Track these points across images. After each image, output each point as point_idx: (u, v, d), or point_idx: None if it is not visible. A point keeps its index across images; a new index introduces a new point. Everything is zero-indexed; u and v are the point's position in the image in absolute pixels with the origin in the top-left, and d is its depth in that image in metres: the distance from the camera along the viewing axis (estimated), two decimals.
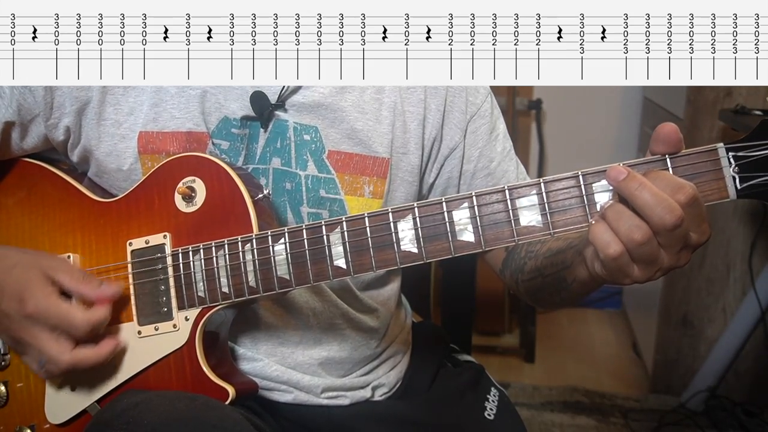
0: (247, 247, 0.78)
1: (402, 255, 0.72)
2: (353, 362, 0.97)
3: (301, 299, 0.91)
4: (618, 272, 0.65)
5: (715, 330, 2.21)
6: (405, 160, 0.93)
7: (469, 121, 0.96)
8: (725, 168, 0.63)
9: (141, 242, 0.83)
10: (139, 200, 0.85)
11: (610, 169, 0.64)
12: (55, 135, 0.88)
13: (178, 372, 0.81)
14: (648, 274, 0.65)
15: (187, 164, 0.83)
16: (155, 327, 0.81)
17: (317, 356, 0.94)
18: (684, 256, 0.65)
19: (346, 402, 0.95)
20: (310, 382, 0.92)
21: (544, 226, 0.67)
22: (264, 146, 0.88)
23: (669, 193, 0.61)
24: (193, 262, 0.80)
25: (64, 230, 0.87)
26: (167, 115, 0.85)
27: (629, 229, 0.62)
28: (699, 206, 0.62)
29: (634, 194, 0.62)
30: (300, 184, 0.89)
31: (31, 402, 0.86)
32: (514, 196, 0.68)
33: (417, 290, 1.41)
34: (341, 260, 0.74)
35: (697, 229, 0.63)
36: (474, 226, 0.69)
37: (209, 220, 0.81)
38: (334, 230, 0.74)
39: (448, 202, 0.70)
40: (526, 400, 2.31)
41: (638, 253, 0.63)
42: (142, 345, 0.82)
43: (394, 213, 0.72)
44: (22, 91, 0.85)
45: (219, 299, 0.79)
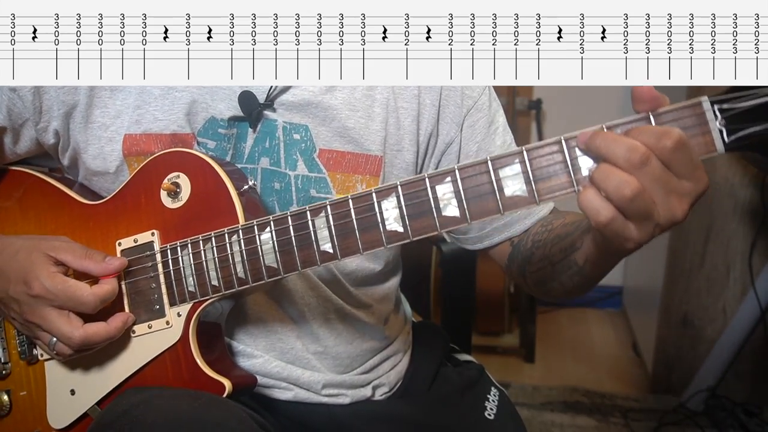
0: (234, 238, 0.78)
1: (388, 235, 0.71)
2: (351, 357, 0.97)
3: (296, 295, 0.92)
4: (616, 237, 0.62)
5: (715, 330, 2.21)
6: (399, 157, 0.93)
7: (465, 115, 0.95)
8: (711, 122, 0.61)
9: (130, 241, 0.84)
10: (126, 200, 0.85)
11: (581, 133, 0.64)
12: (45, 139, 0.89)
13: (175, 368, 0.81)
14: (647, 231, 0.61)
15: (171, 160, 0.83)
16: (149, 325, 0.82)
17: (314, 350, 0.94)
18: (679, 205, 0.61)
19: (347, 401, 0.95)
20: (310, 378, 0.93)
21: (529, 195, 0.65)
22: (252, 146, 0.88)
23: (653, 141, 0.59)
24: (182, 257, 0.81)
25: (56, 235, 0.87)
26: (150, 117, 0.86)
27: (618, 186, 0.59)
28: (688, 150, 0.60)
29: (600, 148, 0.61)
30: (289, 184, 0.89)
31: (34, 409, 0.87)
32: (497, 166, 0.66)
33: (417, 290, 1.41)
34: (327, 244, 0.73)
35: (691, 176, 0.60)
36: (458, 200, 0.68)
37: (196, 215, 0.81)
38: (318, 215, 0.74)
39: (430, 177, 0.69)
40: (526, 400, 2.31)
41: (631, 208, 0.59)
42: (137, 344, 0.82)
43: (377, 193, 0.71)
44: (11, 97, 0.85)
45: (209, 293, 0.80)
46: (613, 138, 0.61)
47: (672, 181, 0.60)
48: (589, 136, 0.63)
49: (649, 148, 0.59)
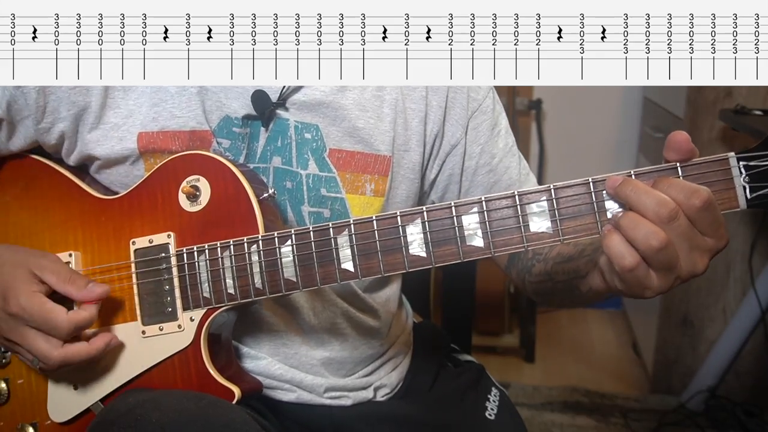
0: (254, 248, 0.77)
1: (410, 259, 0.72)
2: (355, 362, 0.97)
3: (301, 299, 0.91)
4: (637, 285, 0.64)
5: (715, 330, 2.21)
6: (407, 157, 0.93)
7: (470, 117, 0.95)
8: (736, 177, 0.63)
9: (144, 241, 0.82)
10: (142, 198, 0.84)
11: (609, 178, 0.65)
12: (46, 139, 0.87)
13: (183, 372, 0.81)
14: (667, 282, 0.64)
15: (191, 163, 0.82)
16: (159, 327, 0.81)
17: (319, 356, 0.94)
18: (701, 260, 0.64)
19: (349, 402, 0.95)
20: (312, 381, 0.93)
21: (554, 232, 0.67)
22: (264, 145, 0.88)
23: (683, 198, 0.61)
24: (198, 262, 0.80)
25: (65, 227, 0.86)
26: (167, 114, 0.85)
27: (646, 236, 0.61)
28: (714, 210, 0.62)
29: (629, 197, 0.63)
30: (301, 183, 0.88)
31: (33, 400, 0.86)
32: (524, 201, 0.68)
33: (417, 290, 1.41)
34: (349, 263, 0.74)
35: (714, 234, 0.63)
36: (483, 231, 0.69)
37: (214, 220, 0.80)
38: (341, 233, 0.74)
39: (457, 206, 0.70)
40: (526, 400, 2.31)
41: (656, 259, 0.62)
42: (146, 345, 0.82)
43: (402, 217, 0.72)
44: (14, 93, 0.83)
45: (225, 300, 0.79)
46: (644, 189, 0.63)
47: (697, 237, 0.63)
48: (619, 183, 0.64)
49: (678, 204, 0.61)
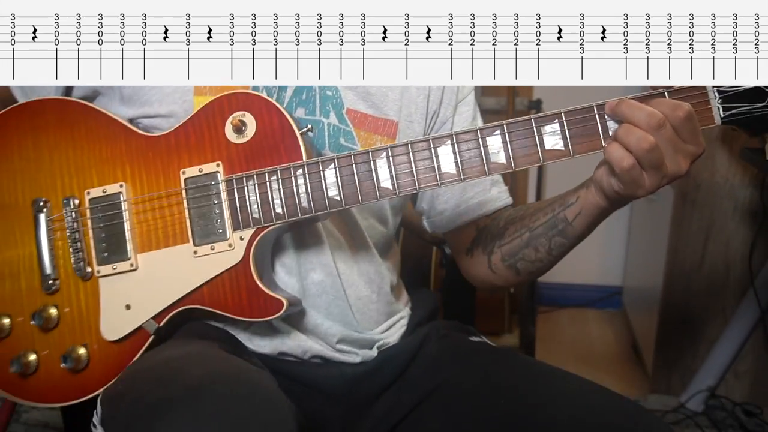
0: (299, 172, 0.84)
1: (442, 176, 0.82)
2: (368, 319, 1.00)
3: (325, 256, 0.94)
4: (632, 183, 0.76)
5: (715, 330, 2.21)
6: (411, 127, 1.00)
7: (458, 102, 1.04)
8: (712, 99, 0.77)
9: (194, 171, 0.87)
10: (189, 134, 0.88)
11: (608, 102, 0.78)
12: None
13: (233, 287, 0.86)
14: (657, 180, 0.76)
15: (236, 100, 0.87)
16: (211, 247, 0.86)
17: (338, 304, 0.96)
18: (684, 162, 0.76)
19: (357, 359, 0.98)
20: (329, 329, 0.96)
21: (565, 149, 0.79)
22: (291, 96, 0.94)
23: (669, 111, 0.74)
24: (247, 186, 0.85)
25: (112, 163, 0.90)
26: None
27: (638, 140, 0.74)
28: (694, 121, 0.75)
29: (625, 113, 0.76)
30: (323, 129, 0.95)
31: (83, 322, 0.90)
32: (539, 123, 0.80)
33: None
34: (387, 182, 0.83)
35: (694, 141, 0.76)
36: (505, 151, 0.81)
37: (259, 151, 0.86)
38: (380, 156, 0.83)
39: (482, 130, 0.81)
40: None
41: (647, 159, 0.74)
42: (198, 264, 0.86)
43: (434, 140, 0.82)
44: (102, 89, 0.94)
45: (273, 219, 0.85)
46: (637, 105, 0.76)
47: (680, 143, 0.76)
48: (616, 103, 0.77)
49: (665, 116, 0.74)
